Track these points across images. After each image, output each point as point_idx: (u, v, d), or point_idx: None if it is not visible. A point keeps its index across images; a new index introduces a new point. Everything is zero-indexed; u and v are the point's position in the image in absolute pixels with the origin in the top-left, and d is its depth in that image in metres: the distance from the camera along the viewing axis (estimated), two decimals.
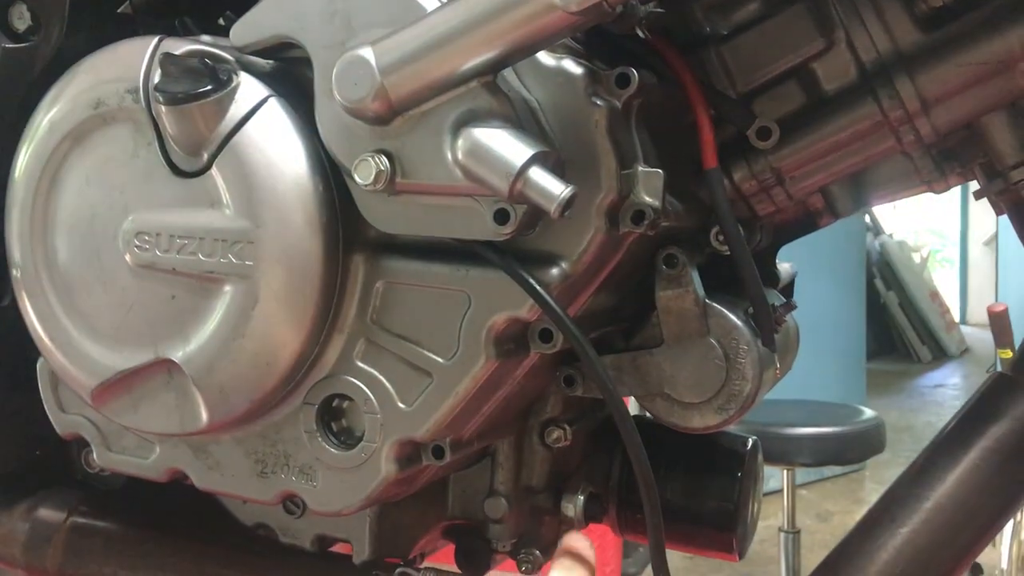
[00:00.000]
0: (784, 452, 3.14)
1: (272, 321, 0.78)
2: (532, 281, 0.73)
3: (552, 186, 0.67)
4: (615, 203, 0.74)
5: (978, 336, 10.08)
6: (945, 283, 12.07)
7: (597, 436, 1.01)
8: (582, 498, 0.96)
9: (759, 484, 1.02)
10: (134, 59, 0.81)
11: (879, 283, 9.43)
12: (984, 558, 3.57)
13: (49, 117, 0.84)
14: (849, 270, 5.88)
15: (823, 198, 0.93)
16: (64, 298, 0.85)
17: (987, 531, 0.83)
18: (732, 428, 0.98)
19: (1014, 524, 3.00)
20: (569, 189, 0.68)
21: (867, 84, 0.84)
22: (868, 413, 3.39)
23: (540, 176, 0.68)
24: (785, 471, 3.37)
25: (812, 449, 3.15)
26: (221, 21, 0.89)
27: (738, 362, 0.84)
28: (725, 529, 0.97)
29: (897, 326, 9.67)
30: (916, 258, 10.19)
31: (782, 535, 3.37)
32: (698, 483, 0.98)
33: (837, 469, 5.51)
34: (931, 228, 14.02)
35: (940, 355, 9.63)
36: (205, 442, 0.86)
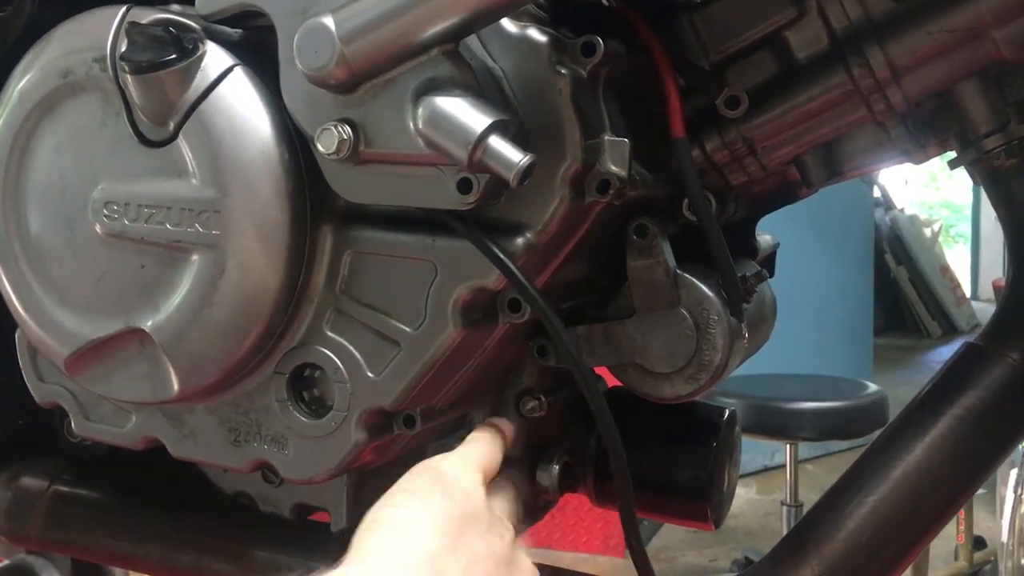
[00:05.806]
0: (786, 426, 3.13)
1: (240, 290, 0.78)
2: (496, 250, 0.73)
3: (511, 154, 0.67)
4: (579, 172, 0.73)
5: (988, 311, 9.97)
6: (958, 258, 11.98)
7: (575, 406, 1.01)
8: (557, 467, 0.96)
9: (736, 454, 1.02)
10: (102, 28, 0.81)
11: (889, 258, 9.35)
12: (987, 532, 3.57)
13: (20, 87, 0.84)
14: (857, 245, 5.83)
15: (796, 168, 0.92)
16: (37, 268, 0.85)
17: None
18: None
19: (1015, 497, 2.98)
20: (528, 158, 0.67)
21: (838, 53, 0.83)
22: (871, 388, 3.36)
23: (499, 144, 0.67)
24: (788, 445, 3.36)
25: (814, 423, 3.13)
26: None
27: (708, 332, 0.84)
28: (700, 498, 0.97)
29: (907, 301, 9.60)
30: (927, 232, 10.09)
31: (784, 509, 3.37)
32: (673, 453, 0.98)
33: (843, 444, 5.47)
34: (945, 202, 13.91)
35: (950, 330, 9.55)
36: (179, 411, 0.87)
